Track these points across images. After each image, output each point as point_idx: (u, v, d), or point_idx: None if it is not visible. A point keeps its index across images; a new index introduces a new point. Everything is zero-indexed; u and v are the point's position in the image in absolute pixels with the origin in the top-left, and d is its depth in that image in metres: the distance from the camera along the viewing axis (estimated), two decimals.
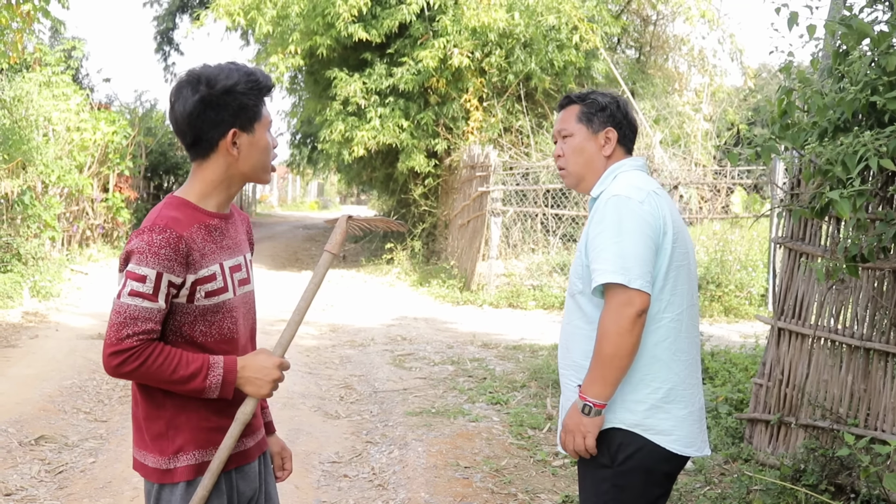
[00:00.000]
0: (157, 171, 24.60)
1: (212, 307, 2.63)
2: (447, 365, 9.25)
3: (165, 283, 2.51)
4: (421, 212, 19.00)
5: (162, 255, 2.49)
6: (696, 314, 3.15)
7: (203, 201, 2.67)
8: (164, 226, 2.52)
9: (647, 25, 22.58)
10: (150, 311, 2.50)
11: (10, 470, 5.68)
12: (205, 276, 2.59)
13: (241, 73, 2.60)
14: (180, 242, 2.52)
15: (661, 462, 3.01)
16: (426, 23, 17.16)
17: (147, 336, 2.50)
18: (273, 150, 2.75)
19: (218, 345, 2.66)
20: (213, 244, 2.64)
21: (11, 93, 14.47)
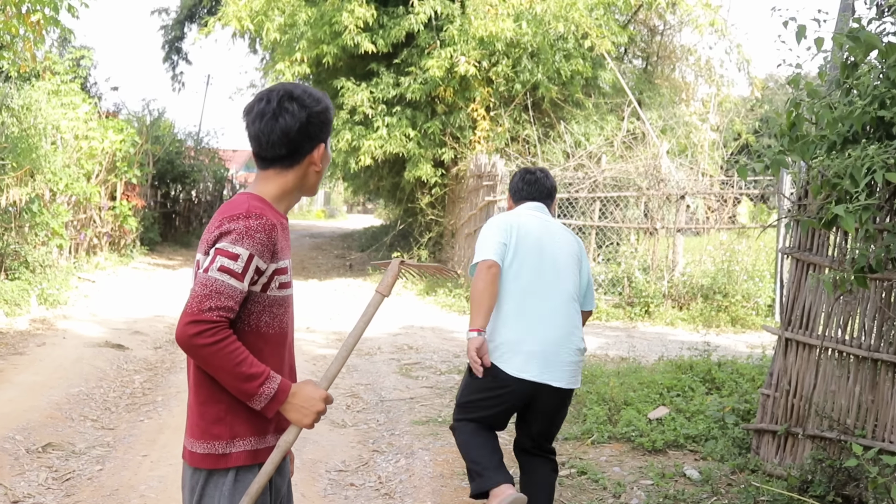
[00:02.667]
0: (165, 180, 24.65)
1: (279, 299, 2.79)
2: (454, 374, 9.25)
3: (253, 267, 2.65)
4: (427, 221, 19.01)
5: (257, 239, 2.65)
6: (545, 288, 4.71)
7: (277, 203, 2.83)
8: (260, 213, 2.69)
9: (654, 35, 22.60)
10: (234, 289, 2.62)
11: (17, 477, 5.70)
12: (282, 268, 2.77)
13: (323, 97, 2.86)
14: (273, 230, 2.69)
15: (505, 378, 4.57)
16: (433, 32, 17.20)
17: (226, 314, 2.61)
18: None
19: (277, 337, 2.81)
20: (284, 240, 2.81)
21: (20, 101, 14.51)
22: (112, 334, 10.66)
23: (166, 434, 6.83)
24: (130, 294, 14.49)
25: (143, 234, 21.20)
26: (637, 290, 13.85)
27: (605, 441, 6.69)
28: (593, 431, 6.80)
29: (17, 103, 14.31)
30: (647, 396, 7.36)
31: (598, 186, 15.07)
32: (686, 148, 17.91)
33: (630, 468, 6.12)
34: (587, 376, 8.09)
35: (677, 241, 14.35)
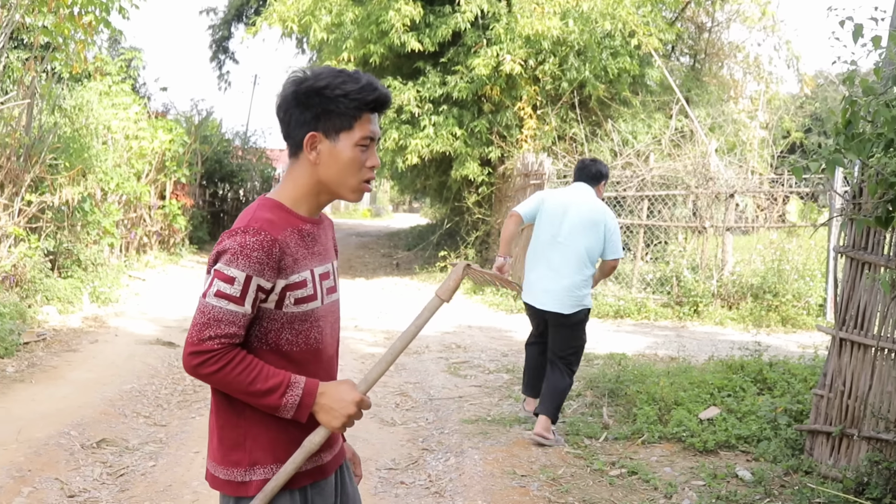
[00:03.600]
0: (213, 179, 24.87)
1: (300, 315, 2.53)
2: (502, 373, 9.25)
3: (254, 288, 2.42)
4: (474, 220, 18.98)
5: (254, 259, 2.41)
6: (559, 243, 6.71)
7: (295, 205, 2.58)
8: (259, 228, 2.44)
9: (701, 32, 22.42)
10: (234, 314, 2.42)
11: (73, 472, 5.77)
12: (295, 283, 2.50)
13: (342, 77, 2.50)
14: (274, 246, 2.43)
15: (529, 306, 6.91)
16: (480, 31, 17.18)
17: (229, 340, 2.43)
18: (365, 168, 2.58)
19: (303, 355, 2.57)
20: (304, 250, 2.55)
21: (72, 102, 14.70)
22: (163, 332, 10.77)
23: None
24: (180, 292, 14.63)
25: (191, 232, 21.42)
26: (686, 289, 13.75)
27: (656, 441, 6.65)
28: (644, 431, 6.76)
29: (69, 104, 14.51)
30: (698, 396, 7.30)
31: (646, 185, 14.98)
32: (735, 146, 17.76)
33: (681, 468, 6.07)
34: (637, 375, 8.06)
35: (726, 240, 14.21)
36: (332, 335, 2.71)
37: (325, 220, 2.76)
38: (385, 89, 2.55)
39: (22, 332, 9.50)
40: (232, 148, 26.46)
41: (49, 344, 9.58)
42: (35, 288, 11.19)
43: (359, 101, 2.50)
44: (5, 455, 5.85)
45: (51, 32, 11.57)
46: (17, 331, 9.40)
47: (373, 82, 2.51)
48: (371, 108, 2.53)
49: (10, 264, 10.58)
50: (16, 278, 10.80)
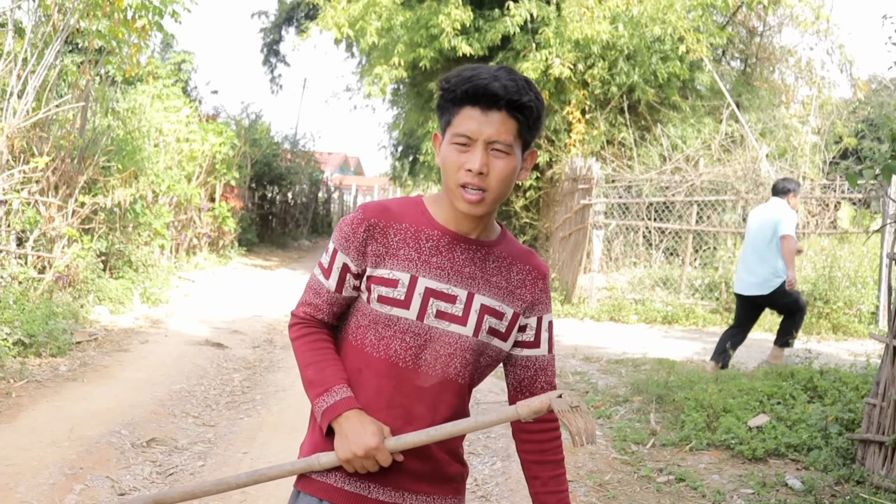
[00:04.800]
0: (262, 182, 25.09)
1: (384, 318, 2.32)
2: None
3: (340, 264, 2.35)
4: (522, 224, 18.97)
5: (343, 232, 2.35)
6: (748, 242, 9.49)
7: (434, 207, 2.38)
8: (363, 207, 2.37)
9: (753, 36, 22.20)
10: (320, 285, 2.40)
11: (123, 470, 5.84)
12: (383, 277, 2.31)
13: (470, 71, 2.29)
14: (360, 226, 2.32)
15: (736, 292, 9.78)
16: (529, 35, 17.17)
17: (311, 311, 2.41)
18: (465, 171, 2.26)
19: (383, 367, 2.33)
20: (414, 252, 2.32)
21: (125, 105, 14.90)
22: (212, 333, 10.88)
23: (265, 432, 6.94)
24: (229, 294, 14.75)
25: (240, 235, 21.61)
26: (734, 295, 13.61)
27: (704, 448, 6.59)
28: (692, 438, 6.71)
29: (122, 107, 14.71)
30: (747, 403, 7.23)
31: (695, 190, 14.87)
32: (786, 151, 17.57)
33: (729, 476, 6.02)
34: (685, 381, 8.01)
35: None
36: (435, 367, 2.35)
37: (495, 251, 2.42)
38: (489, 79, 2.24)
39: (75, 332, 9.64)
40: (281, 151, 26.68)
41: (101, 343, 9.71)
42: (87, 288, 11.34)
43: (453, 91, 2.29)
44: (58, 453, 5.94)
45: (105, 36, 11.72)
46: (70, 330, 9.54)
47: (474, 72, 2.28)
48: (469, 100, 2.25)
49: (63, 265, 10.74)
50: (69, 278, 10.96)
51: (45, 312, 9.32)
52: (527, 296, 2.43)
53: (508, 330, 2.41)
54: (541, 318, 2.49)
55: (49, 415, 6.89)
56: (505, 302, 2.39)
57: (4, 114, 10.14)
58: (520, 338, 2.47)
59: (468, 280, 2.34)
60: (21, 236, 10.77)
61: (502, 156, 2.27)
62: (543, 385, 2.50)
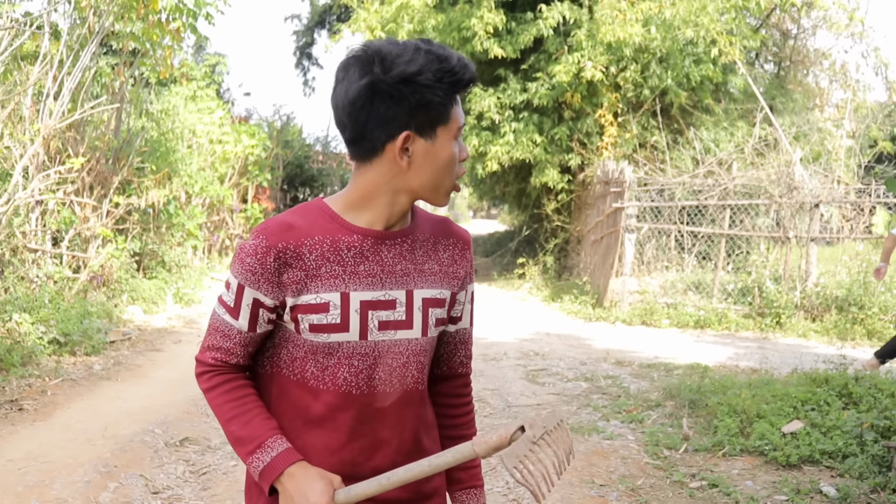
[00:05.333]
0: (294, 183, 25.17)
1: (322, 347, 2.03)
2: (581, 381, 9.20)
3: (249, 300, 2.01)
4: (553, 227, 18.94)
5: (247, 265, 1.98)
6: None
7: (350, 212, 2.04)
8: (262, 230, 1.99)
9: (786, 39, 22.06)
10: (228, 327, 2.06)
11: (157, 469, 5.87)
12: (310, 304, 2.00)
13: (430, 56, 1.93)
14: (268, 255, 1.96)
15: None
16: (561, 38, 17.14)
17: (223, 357, 2.08)
18: (459, 163, 2.07)
19: (335, 398, 2.07)
20: (337, 266, 2.01)
21: (159, 106, 15.01)
22: None
23: None
24: None
25: None
26: (768, 300, 13.52)
27: (737, 454, 6.55)
28: (725, 443, 6.67)
29: (156, 108, 14.81)
30: (781, 409, 7.17)
31: (728, 194, 14.79)
32: (820, 155, 17.46)
33: (763, 482, 5.97)
34: (718, 387, 7.95)
35: (810, 251, 13.95)
36: (394, 382, 2.11)
37: (418, 235, 2.16)
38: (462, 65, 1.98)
39: (109, 331, 9.72)
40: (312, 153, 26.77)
41: (134, 343, 9.78)
42: (121, 288, 11.44)
43: (454, 83, 1.96)
44: (93, 451, 5.99)
45: (139, 38, 11.83)
46: (105, 330, 9.62)
47: (460, 57, 1.99)
48: (463, 87, 1.99)
49: (97, 264, 10.82)
50: (103, 278, 11.05)
51: (80, 312, 9.41)
52: (459, 272, 2.22)
53: (449, 313, 2.21)
54: (467, 290, 2.28)
55: (84, 413, 6.95)
56: (443, 286, 2.16)
57: (41, 115, 10.25)
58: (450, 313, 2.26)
59: (403, 277, 2.08)
60: (56, 236, 10.88)
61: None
62: (462, 359, 2.34)
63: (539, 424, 1.97)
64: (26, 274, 9.72)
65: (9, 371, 7.64)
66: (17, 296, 8.92)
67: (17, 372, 7.67)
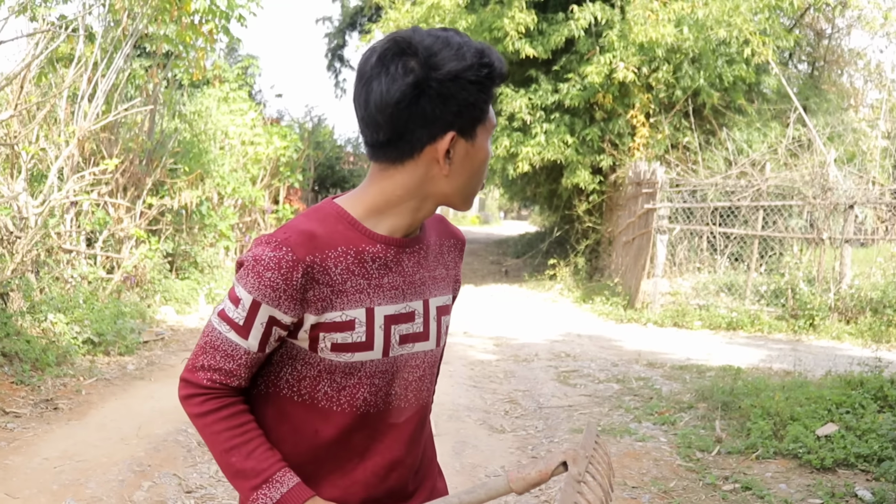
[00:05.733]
0: (325, 185, 25.24)
1: (342, 367, 1.86)
2: (612, 383, 9.16)
3: (264, 319, 1.80)
4: (584, 228, 18.89)
5: (266, 280, 1.76)
6: None
7: (370, 219, 1.87)
8: (283, 241, 1.78)
9: (820, 39, 21.89)
10: (233, 347, 1.84)
11: (190, 468, 5.91)
12: (334, 322, 1.82)
13: (471, 50, 1.77)
14: (295, 270, 1.76)
15: None
16: (593, 38, 17.09)
17: (222, 379, 1.86)
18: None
19: (350, 420, 1.89)
20: (362, 280, 1.84)
21: (192, 108, 15.10)
22: None
23: None
24: None
25: None
26: (801, 302, 13.42)
27: (771, 457, 6.50)
28: (758, 446, 6.62)
29: (189, 110, 14.91)
30: (815, 412, 7.11)
31: (761, 195, 14.69)
32: (854, 156, 17.30)
33: (797, 486, 5.93)
34: (751, 389, 7.90)
35: (845, 252, 13.83)
36: (410, 397, 1.97)
37: (432, 239, 2.01)
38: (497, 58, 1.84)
39: (142, 332, 9.80)
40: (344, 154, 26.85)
41: (167, 343, 9.85)
42: (154, 288, 11.52)
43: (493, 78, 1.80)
44: (126, 450, 6.04)
45: (172, 41, 11.91)
46: (138, 330, 9.70)
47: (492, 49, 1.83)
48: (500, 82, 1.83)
49: (131, 265, 10.91)
50: (136, 279, 11.14)
51: (114, 312, 9.49)
52: (458, 273, 2.11)
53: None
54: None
55: (118, 412, 7.01)
56: (449, 291, 2.05)
57: (75, 117, 10.34)
58: None
59: (420, 287, 1.94)
60: (90, 237, 10.98)
61: None
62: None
63: (581, 456, 1.82)
64: (61, 274, 9.81)
65: (44, 371, 7.71)
66: (53, 296, 9.00)
67: (52, 371, 7.74)
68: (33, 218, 9.21)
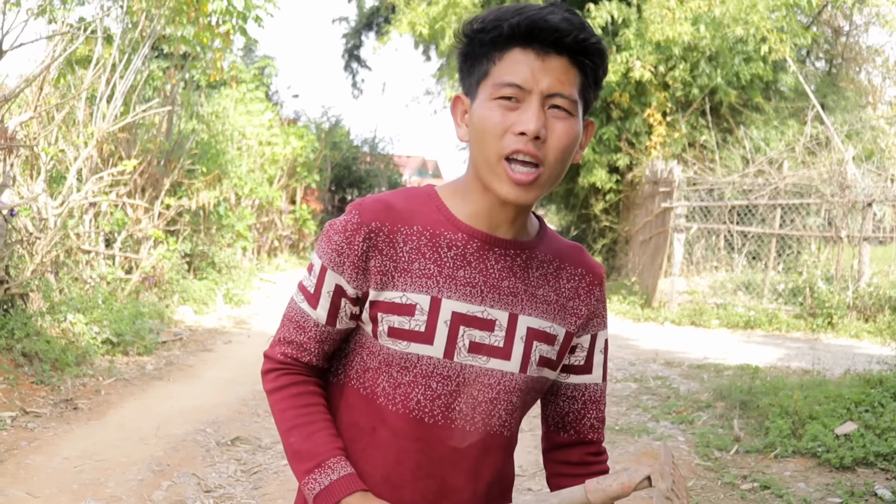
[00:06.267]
0: (342, 185, 25.33)
1: (398, 358, 1.73)
2: (630, 382, 9.15)
3: (331, 286, 1.74)
4: (601, 227, 18.88)
5: (333, 244, 1.72)
6: None
7: (454, 201, 1.77)
8: (357, 205, 1.74)
9: (838, 36, 21.79)
10: (304, 317, 1.80)
11: (209, 468, 5.93)
12: (393, 303, 1.72)
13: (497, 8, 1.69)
14: (357, 233, 1.70)
15: None
16: (609, 37, 17.07)
17: (294, 354, 1.82)
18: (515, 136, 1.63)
19: (403, 422, 1.76)
20: (432, 265, 1.71)
21: (209, 109, 15.16)
22: None
23: None
24: None
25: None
26: (819, 300, 13.36)
27: (789, 455, 6.48)
28: (776, 445, 6.60)
29: (206, 111, 14.96)
30: (834, 411, 7.08)
31: (778, 193, 14.64)
32: (873, 153, 17.21)
33: (816, 484, 5.91)
34: (769, 388, 7.88)
35: (863, 250, 13.77)
36: (476, 420, 1.78)
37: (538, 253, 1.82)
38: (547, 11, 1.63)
39: (160, 332, 9.84)
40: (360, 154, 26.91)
41: (185, 343, 9.89)
42: (172, 289, 11.57)
43: (496, 29, 1.66)
44: (146, 449, 6.07)
45: (190, 42, 11.95)
46: (156, 330, 9.74)
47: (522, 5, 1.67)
48: (520, 39, 1.64)
49: (149, 265, 10.95)
50: (155, 279, 11.18)
51: (132, 312, 9.53)
52: (582, 309, 1.86)
53: (560, 356, 1.84)
54: (595, 336, 1.91)
55: (137, 412, 7.04)
56: (556, 321, 1.81)
57: (94, 118, 10.39)
58: (568, 360, 1.89)
59: (508, 297, 1.75)
60: (109, 238, 11.03)
61: (565, 116, 1.65)
62: (593, 422, 1.95)
63: (667, 472, 1.67)
64: (80, 275, 9.86)
65: (64, 371, 7.75)
66: (72, 296, 9.05)
67: (71, 371, 7.78)
68: (52, 219, 9.26)
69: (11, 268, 8.30)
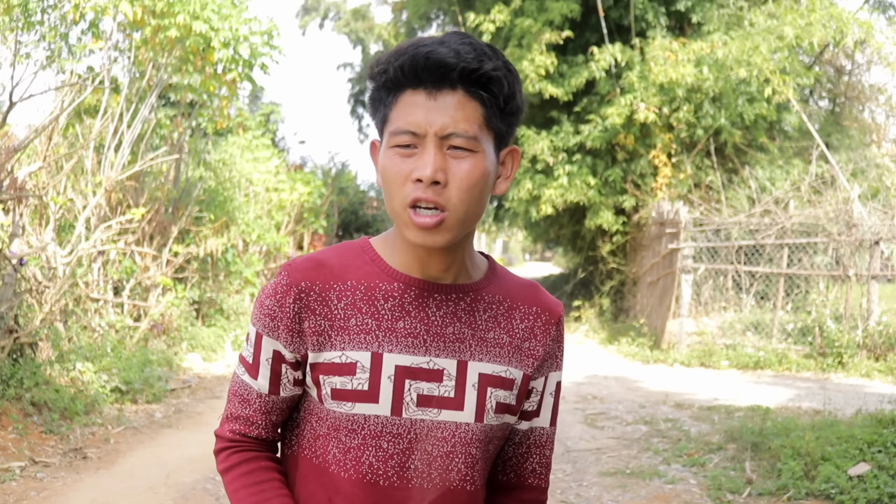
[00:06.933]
0: (349, 230, 25.32)
1: (345, 420, 1.64)
2: (640, 425, 9.11)
3: (268, 353, 1.67)
4: (609, 269, 18.88)
5: (265, 308, 1.66)
6: None
7: (386, 251, 1.70)
8: (286, 266, 1.67)
9: (840, 76, 21.88)
10: (246, 389, 1.72)
11: None
12: (333, 363, 1.63)
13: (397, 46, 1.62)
14: (287, 294, 1.63)
15: None
16: (613, 79, 17.19)
17: (241, 429, 1.73)
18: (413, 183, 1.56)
19: (357, 489, 1.65)
20: (370, 319, 1.64)
21: (216, 156, 15.24)
22: None
23: None
24: None
25: None
26: (829, 339, 13.31)
27: (802, 497, 6.43)
28: (789, 487, 6.56)
29: (213, 158, 15.05)
30: (846, 452, 7.04)
31: (785, 233, 14.64)
32: (879, 191, 17.22)
33: None
34: (781, 429, 7.83)
35: (872, 289, 13.74)
36: (433, 477, 1.68)
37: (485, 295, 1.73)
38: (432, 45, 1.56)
39: (169, 379, 9.84)
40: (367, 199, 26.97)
41: (194, 391, 9.88)
42: (181, 336, 11.58)
43: (385, 72, 1.59)
44: (155, 498, 6.04)
45: (196, 90, 12.06)
46: (165, 378, 9.74)
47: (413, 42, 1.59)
48: (409, 80, 1.57)
49: (158, 313, 10.97)
50: (163, 326, 11.20)
51: (141, 360, 9.54)
52: (538, 349, 1.76)
53: (520, 400, 1.75)
54: (548, 378, 1.81)
55: (146, 460, 7.03)
56: (512, 364, 1.72)
57: (102, 167, 10.46)
58: (522, 405, 1.80)
59: (455, 344, 1.67)
60: (117, 286, 11.06)
61: (465, 155, 1.56)
62: (535, 467, 1.85)
63: None
64: (89, 323, 9.88)
65: (73, 419, 7.74)
66: (81, 345, 9.06)
67: (80, 420, 7.77)
68: (61, 268, 9.30)
69: (21, 317, 8.33)
